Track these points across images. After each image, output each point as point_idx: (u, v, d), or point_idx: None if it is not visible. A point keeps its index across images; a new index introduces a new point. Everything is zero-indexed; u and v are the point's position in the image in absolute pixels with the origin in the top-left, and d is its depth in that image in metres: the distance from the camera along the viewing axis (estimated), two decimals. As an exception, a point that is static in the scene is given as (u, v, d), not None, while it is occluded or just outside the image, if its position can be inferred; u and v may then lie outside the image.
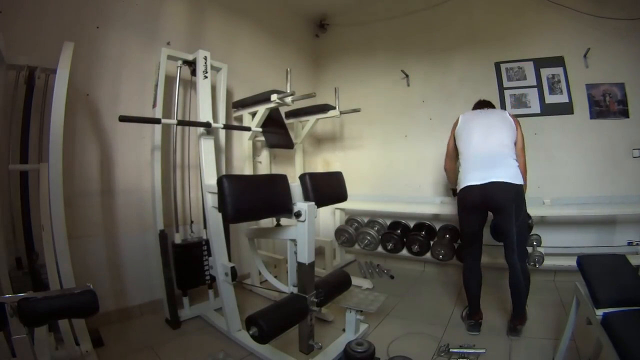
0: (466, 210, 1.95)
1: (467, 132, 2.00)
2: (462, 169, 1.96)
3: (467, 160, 1.94)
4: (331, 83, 3.23)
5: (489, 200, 1.81)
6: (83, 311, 1.11)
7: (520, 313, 1.85)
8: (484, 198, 1.82)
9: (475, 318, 1.94)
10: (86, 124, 2.05)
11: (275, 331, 1.36)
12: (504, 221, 1.82)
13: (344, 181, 1.95)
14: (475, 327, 1.92)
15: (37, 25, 1.81)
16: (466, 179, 1.88)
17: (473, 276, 1.96)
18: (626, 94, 2.56)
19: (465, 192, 1.88)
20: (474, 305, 1.96)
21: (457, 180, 1.99)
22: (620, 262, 1.41)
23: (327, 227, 3.51)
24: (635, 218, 2.47)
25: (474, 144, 1.93)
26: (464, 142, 1.99)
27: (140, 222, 2.23)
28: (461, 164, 1.98)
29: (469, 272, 1.98)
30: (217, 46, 2.63)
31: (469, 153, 1.95)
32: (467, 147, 1.97)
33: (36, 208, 1.60)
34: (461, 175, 1.95)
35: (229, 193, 1.33)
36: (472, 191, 1.84)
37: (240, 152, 2.83)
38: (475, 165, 1.89)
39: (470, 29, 3.06)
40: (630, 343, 1.00)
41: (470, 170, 1.89)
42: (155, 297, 2.23)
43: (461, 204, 1.96)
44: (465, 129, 2.02)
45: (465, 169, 1.93)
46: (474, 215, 1.92)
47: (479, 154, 1.90)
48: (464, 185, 1.89)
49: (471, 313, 1.97)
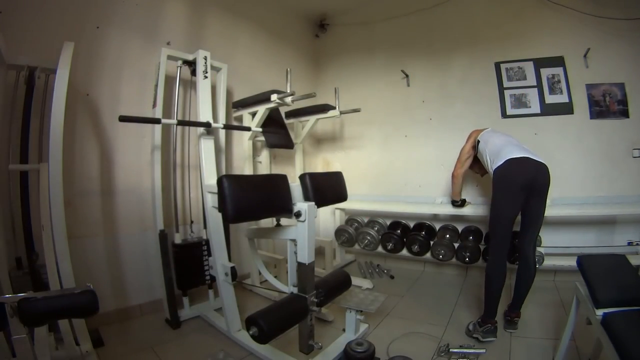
0: (514, 188, 1.70)
1: (494, 136, 2.01)
2: (495, 150, 1.87)
3: (499, 145, 1.89)
4: (331, 83, 3.23)
5: (539, 177, 1.68)
6: (83, 311, 1.11)
7: (519, 306, 1.86)
8: (536, 173, 1.68)
9: (492, 322, 1.79)
10: (86, 124, 2.05)
11: (275, 331, 1.36)
12: (540, 205, 1.74)
13: (344, 181, 1.95)
14: (493, 332, 1.77)
15: (37, 25, 1.81)
16: (507, 153, 1.77)
17: (501, 273, 1.78)
18: (626, 94, 2.56)
19: (513, 166, 1.71)
20: (494, 308, 1.80)
21: (488, 164, 1.91)
22: (620, 262, 1.41)
23: (327, 227, 3.51)
24: (635, 218, 2.47)
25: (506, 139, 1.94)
26: (493, 138, 1.98)
27: (140, 222, 2.23)
28: (489, 149, 1.92)
29: (498, 268, 1.77)
30: (217, 46, 2.63)
31: (502, 141, 1.92)
32: (498, 139, 1.95)
33: (36, 208, 1.60)
34: (493, 155, 1.85)
35: (229, 193, 1.33)
36: (522, 164, 1.69)
37: (240, 152, 2.83)
38: (513, 146, 1.84)
39: (470, 29, 3.06)
40: (630, 343, 1.00)
41: (508, 147, 1.81)
42: (155, 297, 2.23)
43: (507, 181, 1.73)
44: (490, 136, 2.02)
45: (500, 148, 1.85)
46: (519, 196, 1.70)
47: (514, 142, 1.90)
48: (508, 157, 1.74)
49: (489, 317, 1.79)
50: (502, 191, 1.78)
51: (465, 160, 2.11)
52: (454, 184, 2.23)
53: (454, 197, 2.39)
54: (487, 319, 1.80)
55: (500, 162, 1.79)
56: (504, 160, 1.77)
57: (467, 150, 2.09)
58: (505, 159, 1.77)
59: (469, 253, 2.49)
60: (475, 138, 2.10)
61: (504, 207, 1.77)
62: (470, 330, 1.86)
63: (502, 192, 1.78)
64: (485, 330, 1.78)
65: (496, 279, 1.79)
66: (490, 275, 1.81)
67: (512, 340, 1.82)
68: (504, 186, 1.76)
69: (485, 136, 2.06)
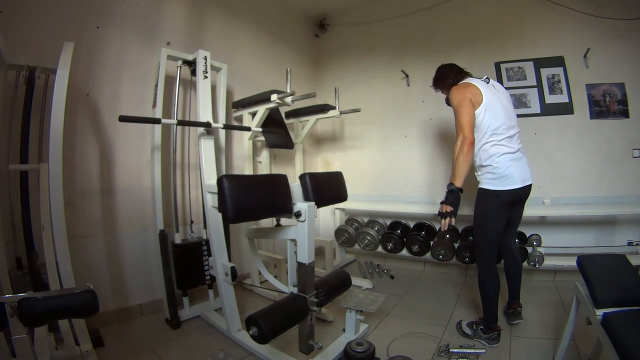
0: (504, 208, 1.73)
1: (496, 110, 1.71)
2: (503, 158, 1.68)
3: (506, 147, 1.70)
4: (331, 83, 3.23)
5: (526, 193, 1.79)
6: (83, 311, 1.11)
7: (518, 295, 1.94)
8: (524, 191, 1.76)
9: (497, 328, 1.78)
10: (86, 124, 2.05)
11: (275, 331, 1.36)
12: (521, 208, 1.88)
13: (344, 181, 1.95)
14: (498, 338, 1.77)
15: (37, 25, 1.81)
16: (510, 178, 1.67)
17: (495, 280, 1.78)
18: (626, 94, 2.56)
19: (509, 195, 1.70)
20: (495, 314, 1.80)
21: (481, 159, 1.73)
22: (620, 262, 1.41)
23: (327, 227, 3.51)
24: (635, 218, 2.47)
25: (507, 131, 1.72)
26: (496, 116, 1.70)
27: (140, 222, 2.23)
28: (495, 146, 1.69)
29: (492, 276, 1.77)
30: (217, 46, 2.63)
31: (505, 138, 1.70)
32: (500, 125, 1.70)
33: (36, 208, 1.60)
34: (501, 165, 1.67)
35: (229, 193, 1.33)
36: (517, 191, 1.70)
37: (240, 152, 2.83)
38: (515, 159, 1.71)
39: (470, 29, 3.06)
40: (630, 343, 1.00)
41: (513, 164, 1.69)
42: (155, 297, 2.23)
43: (499, 203, 1.71)
44: (491, 105, 1.71)
45: (507, 160, 1.68)
46: (507, 211, 1.75)
47: (515, 147, 1.73)
48: (510, 187, 1.68)
49: (492, 323, 1.78)
50: (493, 208, 1.73)
51: (472, 125, 1.67)
52: (460, 160, 1.62)
53: (458, 180, 1.66)
54: (492, 326, 1.78)
55: (500, 184, 1.69)
56: (505, 189, 1.68)
57: (471, 113, 1.67)
58: (507, 187, 1.67)
59: (469, 253, 2.49)
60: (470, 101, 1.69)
61: (495, 221, 1.75)
62: (478, 332, 1.82)
63: (493, 209, 1.73)
64: (492, 337, 1.77)
65: (492, 284, 1.78)
66: (485, 283, 1.79)
67: (512, 340, 1.82)
68: (498, 205, 1.72)
69: (489, 103, 1.71)
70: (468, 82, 1.82)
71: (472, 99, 1.70)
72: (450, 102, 1.79)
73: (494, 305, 1.79)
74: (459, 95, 1.73)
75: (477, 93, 1.72)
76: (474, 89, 1.74)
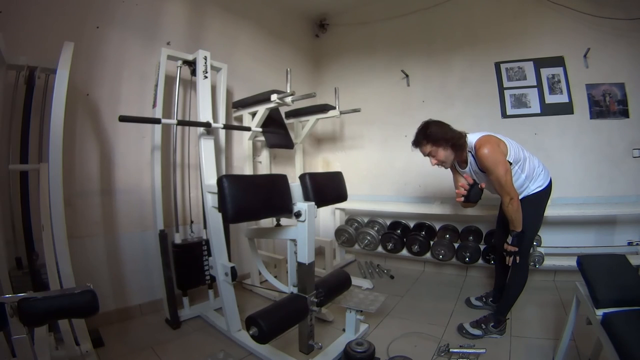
0: (544, 207, 1.88)
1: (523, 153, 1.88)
2: (532, 168, 1.84)
3: (536, 162, 1.88)
4: (331, 83, 3.23)
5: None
6: (83, 311, 1.11)
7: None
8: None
9: (505, 319, 1.91)
10: (86, 124, 2.05)
11: (275, 331, 1.36)
12: None
13: (344, 181, 1.95)
14: (505, 327, 1.91)
15: (37, 25, 1.81)
16: (545, 171, 1.87)
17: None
18: (626, 94, 2.56)
19: (549, 189, 1.86)
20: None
21: (524, 186, 1.84)
22: (620, 262, 1.41)
23: (327, 227, 3.51)
24: (635, 218, 2.47)
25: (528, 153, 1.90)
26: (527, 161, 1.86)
27: (140, 222, 2.23)
28: (527, 172, 1.82)
29: (527, 273, 1.89)
30: (217, 46, 2.63)
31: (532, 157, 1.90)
32: (530, 157, 1.88)
33: (36, 208, 1.60)
34: (533, 175, 1.83)
35: (229, 193, 1.33)
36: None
37: (240, 152, 2.83)
38: (537, 160, 1.91)
39: (470, 29, 3.06)
40: (630, 343, 1.00)
41: (539, 163, 1.89)
42: (155, 297, 2.23)
43: (545, 200, 1.87)
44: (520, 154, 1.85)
45: (535, 166, 1.85)
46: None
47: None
48: (549, 177, 1.87)
49: (504, 315, 1.91)
50: (541, 209, 1.87)
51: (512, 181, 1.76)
52: (516, 214, 1.73)
53: (518, 227, 1.76)
54: (503, 318, 1.89)
55: (543, 182, 1.84)
56: (549, 181, 1.85)
57: (509, 170, 1.74)
58: (549, 178, 1.85)
59: (469, 253, 2.49)
60: (505, 157, 1.76)
61: (539, 221, 1.88)
62: (478, 334, 1.85)
63: (541, 211, 1.87)
64: (503, 328, 1.87)
65: (525, 281, 1.89)
66: (523, 285, 1.89)
67: (512, 340, 1.82)
68: (543, 205, 1.87)
69: (516, 156, 1.80)
70: (490, 135, 1.80)
71: (505, 154, 1.77)
72: (484, 161, 1.74)
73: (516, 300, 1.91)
74: (499, 156, 1.72)
75: (504, 145, 1.79)
76: (502, 144, 1.78)
